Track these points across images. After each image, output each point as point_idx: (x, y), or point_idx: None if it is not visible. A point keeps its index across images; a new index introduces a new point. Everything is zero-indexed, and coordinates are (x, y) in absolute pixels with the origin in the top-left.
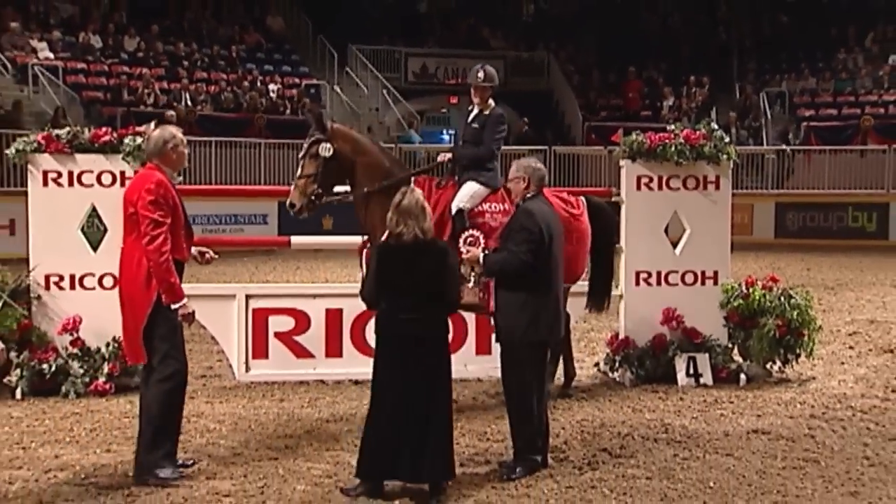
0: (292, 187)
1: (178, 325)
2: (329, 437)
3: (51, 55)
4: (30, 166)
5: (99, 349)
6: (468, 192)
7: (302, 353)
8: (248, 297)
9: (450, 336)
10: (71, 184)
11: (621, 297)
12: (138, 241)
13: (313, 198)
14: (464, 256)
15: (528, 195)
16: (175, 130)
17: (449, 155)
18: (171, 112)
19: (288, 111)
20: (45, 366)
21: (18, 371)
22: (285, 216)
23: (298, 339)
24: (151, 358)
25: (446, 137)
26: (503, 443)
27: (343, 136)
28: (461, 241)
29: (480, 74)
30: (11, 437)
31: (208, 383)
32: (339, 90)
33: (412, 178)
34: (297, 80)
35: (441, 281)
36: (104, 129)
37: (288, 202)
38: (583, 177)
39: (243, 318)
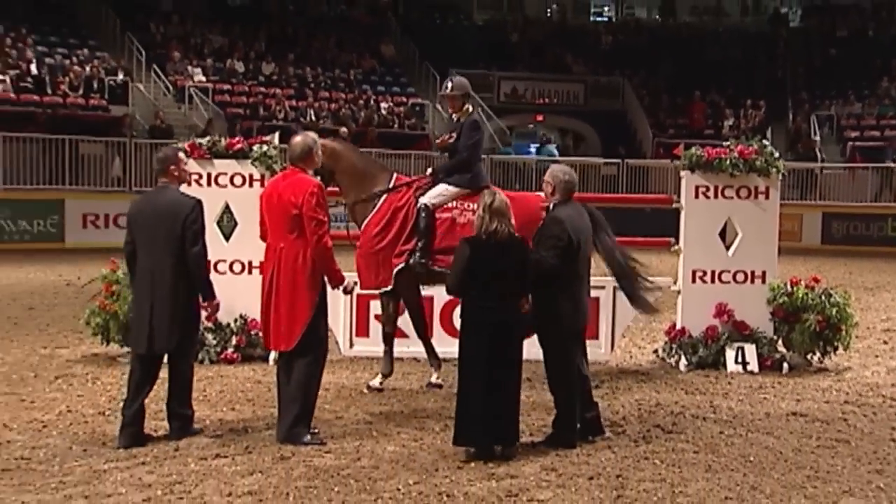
0: None
1: (326, 315)
2: (418, 406)
3: (203, 78)
4: None
5: (229, 324)
6: (436, 192)
7: (398, 333)
8: (354, 283)
9: None
10: (209, 184)
11: (679, 292)
12: (300, 239)
13: None
14: None
15: (556, 201)
16: (315, 137)
17: (429, 171)
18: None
19: (396, 125)
20: None
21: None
22: None
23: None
24: (303, 343)
25: (532, 149)
26: None
27: (326, 151)
28: None
29: (449, 85)
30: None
31: None
32: (440, 108)
33: (391, 183)
34: (404, 99)
35: (522, 273)
36: (238, 138)
37: None
38: (651, 186)
39: (349, 303)
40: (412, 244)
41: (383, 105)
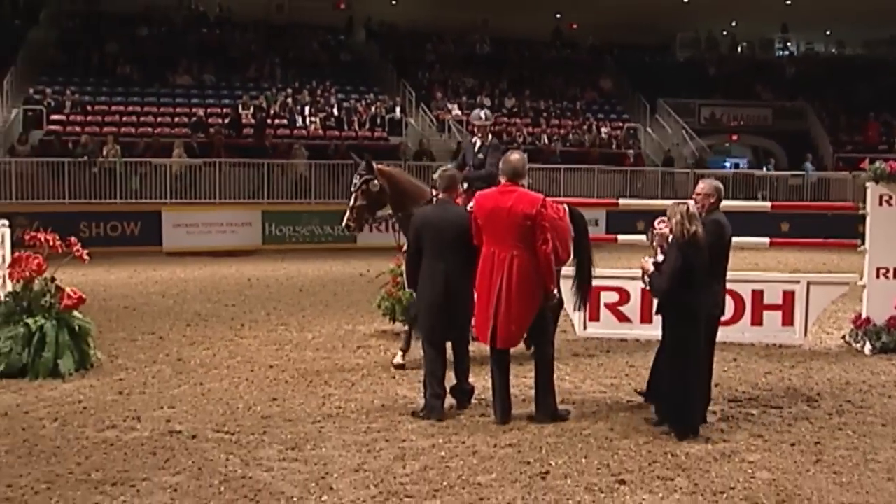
0: (348, 212)
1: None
2: (642, 380)
3: (459, 112)
4: None
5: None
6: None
7: (623, 318)
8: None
9: None
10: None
11: (864, 286)
12: (529, 249)
13: (364, 222)
14: (643, 266)
15: (713, 208)
16: (524, 156)
17: (462, 179)
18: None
19: (614, 146)
20: None
21: None
22: (612, 219)
23: (621, 308)
24: (541, 335)
25: (728, 164)
26: (770, 391)
27: (383, 173)
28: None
29: (482, 115)
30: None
31: (559, 336)
32: (650, 131)
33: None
34: (620, 124)
35: (708, 268)
36: None
37: (344, 224)
38: (832, 195)
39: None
40: None
41: (603, 130)
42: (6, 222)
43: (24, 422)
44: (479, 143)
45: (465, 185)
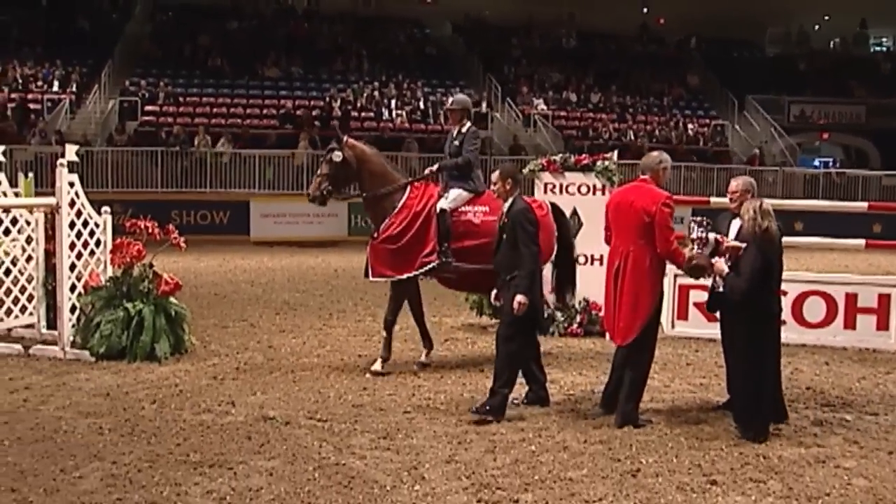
0: (313, 182)
1: (660, 311)
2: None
3: (544, 107)
4: (536, 180)
5: (574, 305)
6: (452, 196)
7: (712, 318)
8: (675, 275)
9: None
10: (561, 192)
11: None
12: (648, 245)
13: (325, 192)
14: (716, 268)
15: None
16: (665, 155)
17: (436, 167)
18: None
19: (702, 143)
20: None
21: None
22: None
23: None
24: (639, 340)
25: (817, 163)
26: (865, 397)
27: (352, 147)
28: (694, 242)
29: (450, 100)
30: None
31: None
32: (738, 128)
33: (409, 185)
34: (707, 121)
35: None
36: (584, 155)
37: (307, 193)
38: None
39: (673, 291)
40: (436, 245)
41: (689, 126)
42: (108, 209)
43: (125, 402)
44: (455, 131)
45: (437, 172)
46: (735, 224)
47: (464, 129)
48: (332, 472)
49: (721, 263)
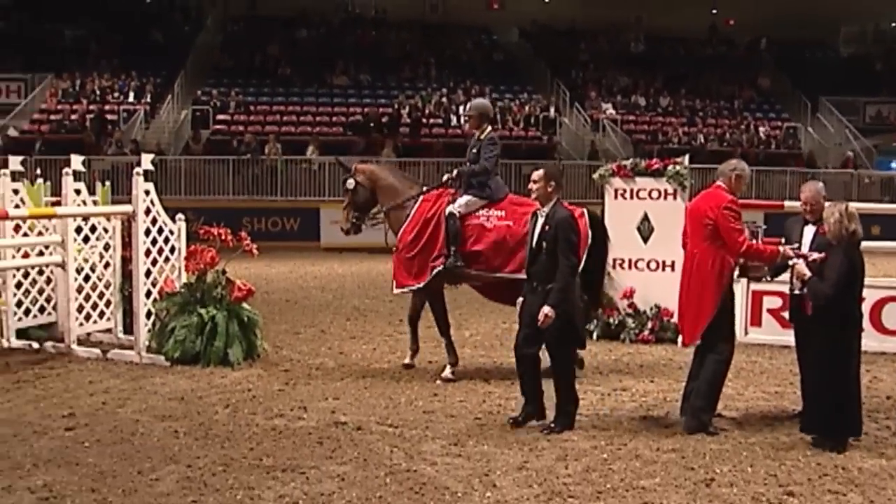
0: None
1: (733, 316)
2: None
3: (613, 112)
4: (606, 186)
5: (645, 311)
6: (463, 202)
7: (787, 325)
8: (748, 281)
9: None
10: (632, 197)
11: None
12: (712, 247)
13: (354, 220)
14: (797, 271)
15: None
16: (743, 164)
17: (454, 173)
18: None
19: (773, 146)
20: (611, 320)
21: (594, 322)
22: (773, 222)
23: (785, 314)
24: (714, 339)
25: (895, 165)
26: None
27: (361, 171)
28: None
29: (467, 106)
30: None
31: None
32: (811, 130)
33: (421, 195)
34: (779, 124)
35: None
36: (654, 160)
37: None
38: None
39: (745, 297)
40: (444, 249)
41: (761, 129)
42: (182, 216)
43: (199, 407)
44: (475, 137)
45: (456, 179)
46: (808, 230)
47: (483, 136)
48: (404, 478)
49: (802, 266)
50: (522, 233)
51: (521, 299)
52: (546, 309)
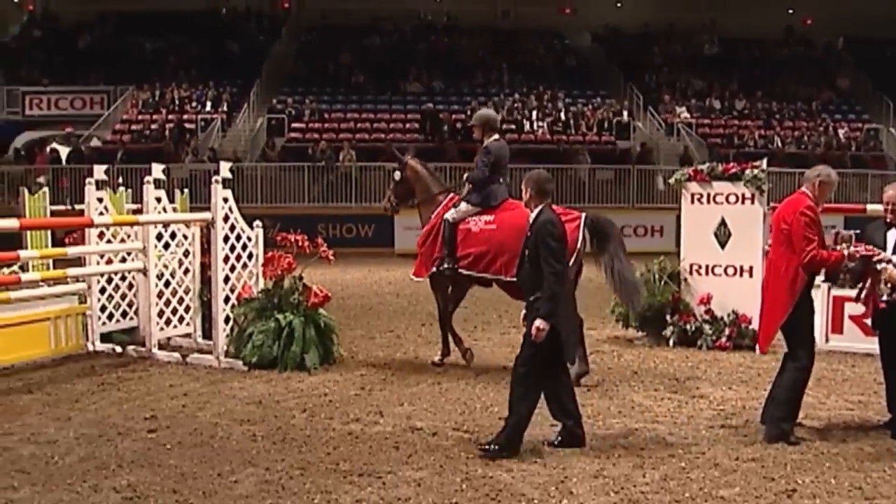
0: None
1: (812, 323)
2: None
3: (688, 115)
4: (683, 190)
5: (723, 318)
6: (458, 209)
7: (869, 332)
8: (829, 287)
9: None
10: (709, 202)
11: None
12: (787, 252)
13: (393, 204)
14: (886, 274)
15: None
16: (829, 170)
17: (466, 175)
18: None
19: (853, 149)
20: (687, 326)
21: (671, 328)
22: (852, 225)
23: (868, 321)
24: (792, 346)
25: None
26: None
27: (410, 168)
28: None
29: (473, 116)
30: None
31: None
32: (893, 132)
33: (441, 194)
34: (860, 126)
35: None
36: (731, 164)
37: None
38: None
39: (826, 302)
40: (441, 251)
41: (840, 131)
42: (259, 223)
43: (276, 411)
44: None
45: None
46: (892, 234)
47: (486, 144)
48: (480, 485)
49: (893, 270)
50: (504, 238)
51: (523, 312)
52: (538, 322)
